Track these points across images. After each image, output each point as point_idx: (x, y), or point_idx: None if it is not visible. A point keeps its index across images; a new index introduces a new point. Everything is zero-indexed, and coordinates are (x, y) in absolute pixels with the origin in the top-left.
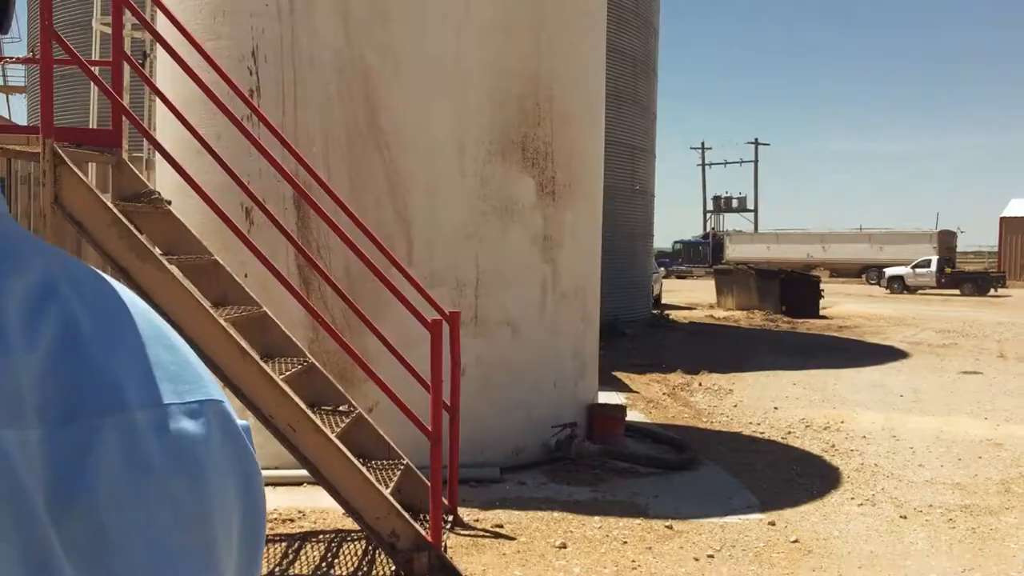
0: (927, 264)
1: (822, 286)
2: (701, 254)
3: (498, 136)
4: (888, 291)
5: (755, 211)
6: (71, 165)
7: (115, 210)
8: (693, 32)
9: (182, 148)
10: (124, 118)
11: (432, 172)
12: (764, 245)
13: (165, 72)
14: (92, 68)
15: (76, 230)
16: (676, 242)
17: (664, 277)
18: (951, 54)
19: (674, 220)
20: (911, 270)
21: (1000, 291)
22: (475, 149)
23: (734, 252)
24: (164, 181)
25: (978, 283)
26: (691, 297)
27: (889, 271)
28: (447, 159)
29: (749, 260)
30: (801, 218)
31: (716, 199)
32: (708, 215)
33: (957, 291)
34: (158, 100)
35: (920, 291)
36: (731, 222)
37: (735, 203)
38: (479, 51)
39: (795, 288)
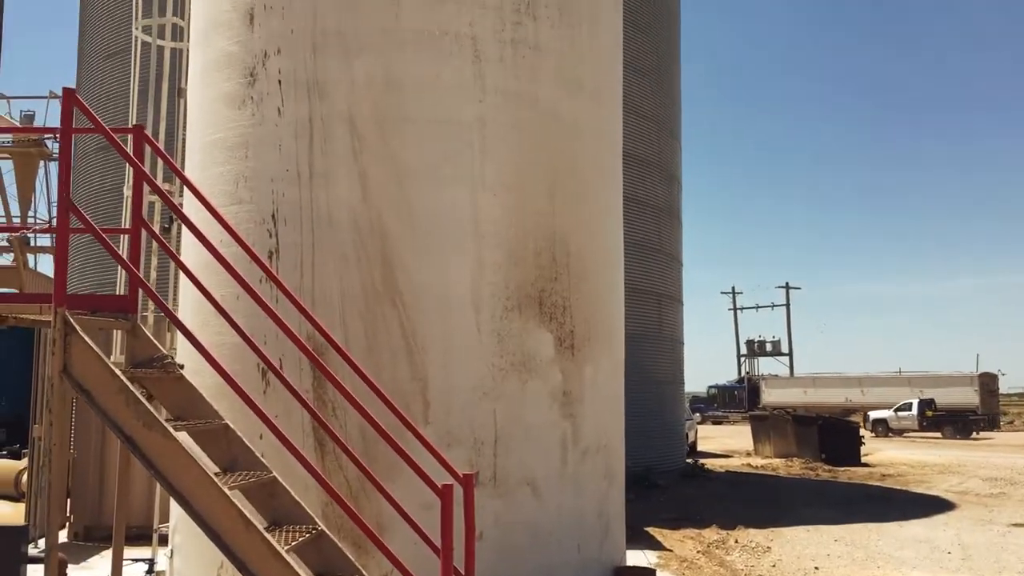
0: (908, 407)
1: (862, 431)
2: (737, 399)
3: (515, 291)
4: (873, 434)
5: (790, 355)
6: (82, 334)
7: (123, 377)
8: (716, 180)
9: (203, 308)
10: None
11: (448, 329)
12: (801, 389)
13: (189, 235)
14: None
15: (83, 399)
16: (711, 387)
17: (699, 423)
18: (987, 190)
19: (707, 365)
20: (894, 413)
21: (983, 433)
22: (492, 305)
23: (770, 397)
24: (184, 341)
25: (959, 425)
26: (728, 444)
27: (873, 414)
28: (463, 316)
29: (786, 405)
30: (837, 361)
31: (749, 343)
32: (742, 359)
33: (939, 433)
34: (181, 256)
35: (904, 434)
36: (765, 366)
37: (769, 347)
38: (494, 209)
39: (834, 434)
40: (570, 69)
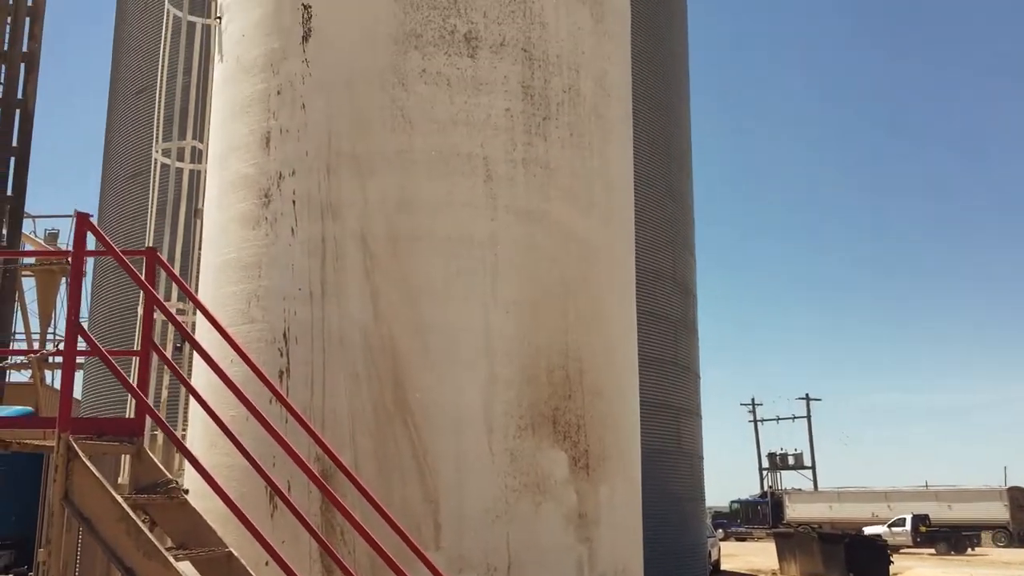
0: (902, 523)
1: (890, 549)
2: (760, 514)
3: (528, 410)
4: None
5: (812, 468)
6: (84, 460)
7: (125, 506)
8: (731, 291)
9: (211, 429)
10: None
11: (460, 449)
12: (826, 504)
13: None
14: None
15: (84, 527)
16: (733, 502)
17: (722, 540)
18: (1006, 297)
19: (729, 479)
20: (888, 528)
21: (977, 550)
22: (504, 424)
23: (794, 512)
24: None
25: (952, 541)
26: (752, 562)
27: (867, 530)
28: (475, 435)
29: (811, 520)
30: (861, 473)
31: (771, 456)
32: (764, 473)
33: (932, 550)
34: (192, 378)
35: (900, 550)
36: (788, 479)
37: (791, 460)
38: (507, 326)
39: (862, 552)
40: (582, 188)
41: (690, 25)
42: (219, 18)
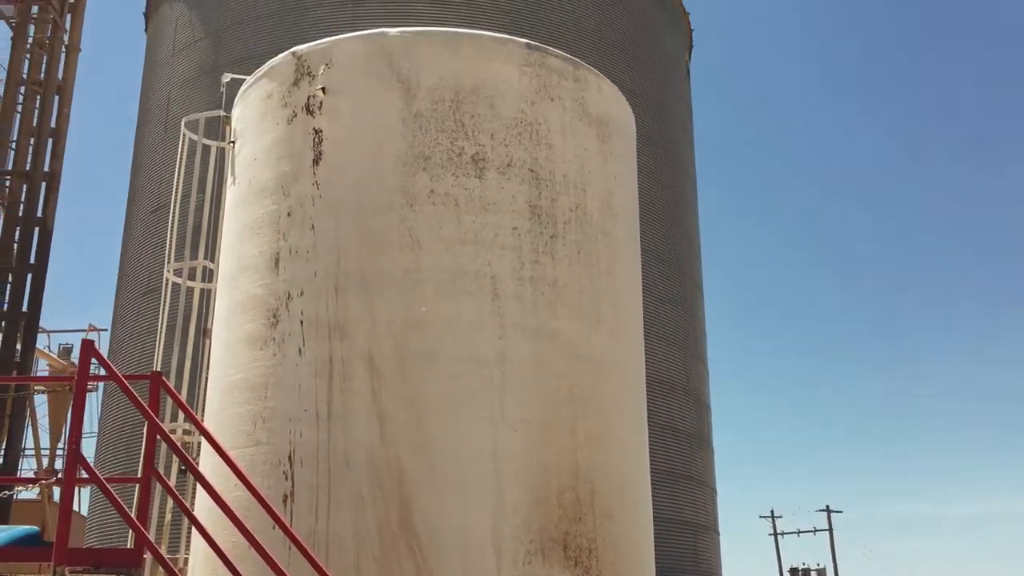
0: None
1: None
2: None
3: (537, 534)
4: None
5: None
6: None
7: None
8: (746, 402)
9: (215, 555)
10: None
11: (468, 575)
12: None
13: (205, 476)
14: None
15: None
16: None
17: None
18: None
19: None
20: None
21: None
22: (513, 549)
23: None
24: None
25: None
26: None
27: None
28: (484, 561)
29: None
30: None
31: (793, 571)
32: None
33: None
34: (195, 504)
35: None
36: None
37: (814, 574)
38: (515, 445)
39: None
40: (589, 305)
41: (696, 138)
42: (232, 142)
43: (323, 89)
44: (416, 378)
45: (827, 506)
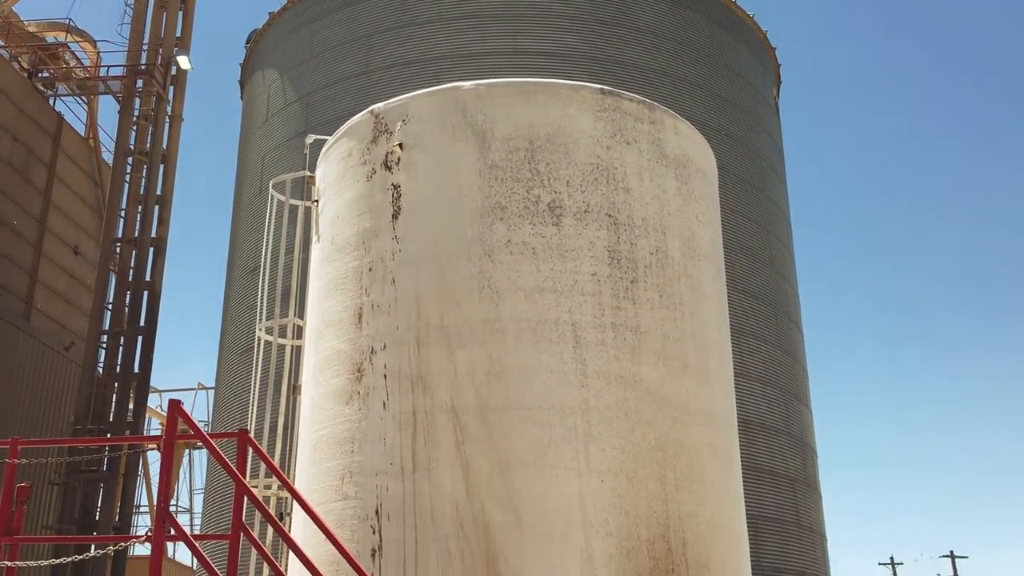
0: None
1: None
2: None
3: None
4: None
5: None
6: None
7: None
8: (854, 444)
9: None
10: None
11: None
12: None
13: (297, 531)
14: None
15: None
16: None
17: None
18: None
19: None
20: None
21: None
22: None
23: None
24: None
25: None
26: None
27: None
28: None
29: None
30: None
31: None
32: None
33: None
34: (288, 559)
35: None
36: None
37: None
38: (602, 496)
39: None
40: (674, 350)
41: (788, 171)
42: (316, 201)
43: (400, 145)
44: (499, 429)
45: (951, 552)
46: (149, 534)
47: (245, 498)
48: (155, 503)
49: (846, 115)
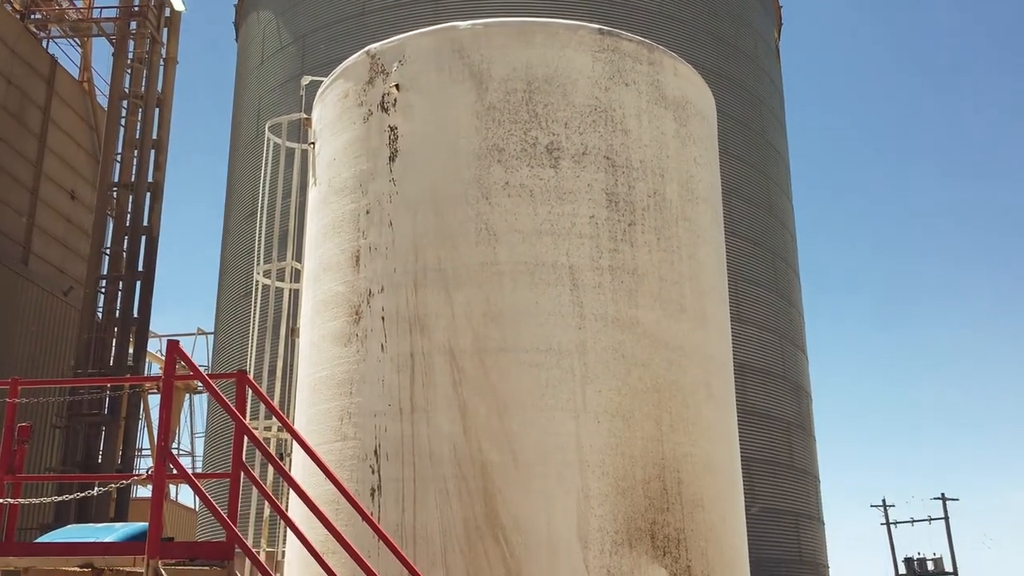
0: None
1: None
2: None
3: (623, 525)
4: None
5: (955, 574)
6: None
7: None
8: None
9: (305, 551)
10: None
11: (554, 566)
12: None
13: (297, 471)
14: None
15: None
16: None
17: None
18: None
19: None
20: None
21: None
22: (600, 540)
23: None
24: None
25: None
26: None
27: None
28: (570, 552)
29: None
30: None
31: (908, 561)
32: None
33: None
34: (289, 497)
35: None
36: None
37: (931, 565)
38: (598, 437)
39: None
40: (671, 292)
41: (788, 119)
42: (312, 143)
43: (396, 86)
44: (496, 371)
45: (942, 494)
46: (150, 472)
47: (245, 438)
48: (155, 443)
49: (847, 60)
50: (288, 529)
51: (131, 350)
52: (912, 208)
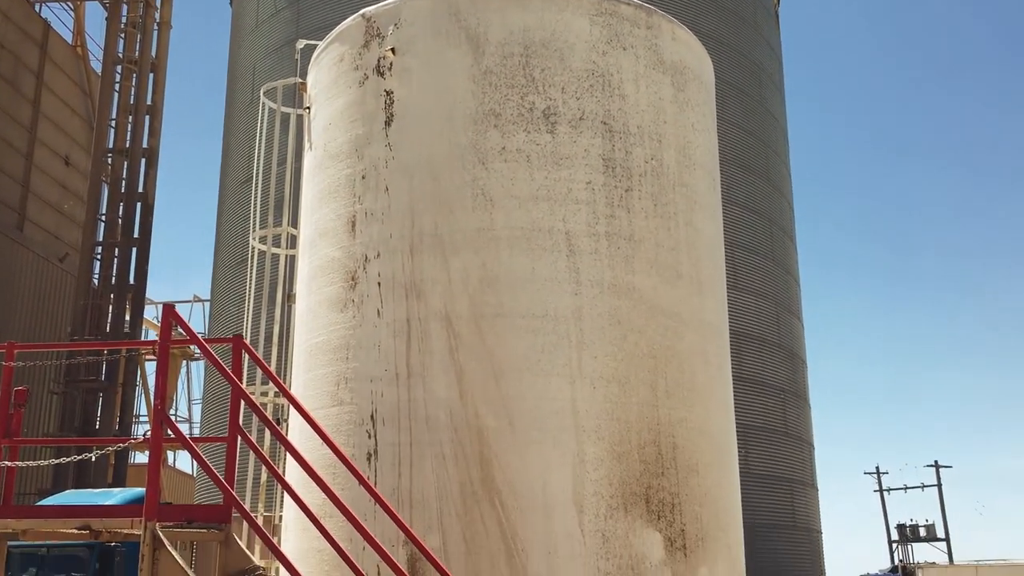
0: None
1: None
2: None
3: (618, 489)
4: None
5: (946, 540)
6: (170, 549)
7: None
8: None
9: (303, 515)
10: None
11: (550, 530)
12: None
13: (294, 436)
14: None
15: None
16: None
17: None
18: None
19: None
20: None
21: None
22: (595, 503)
23: None
24: (287, 547)
25: None
26: None
27: None
28: (566, 516)
29: None
30: (1001, 545)
31: (900, 527)
32: (894, 546)
33: None
34: (286, 462)
35: None
36: (920, 552)
37: (923, 531)
38: (594, 402)
39: None
40: (668, 259)
41: (787, 87)
42: (308, 108)
43: (392, 50)
44: (492, 336)
45: (935, 461)
46: (147, 436)
47: (242, 403)
48: (152, 407)
49: (847, 26)
50: (285, 493)
51: (127, 317)
52: (910, 196)
